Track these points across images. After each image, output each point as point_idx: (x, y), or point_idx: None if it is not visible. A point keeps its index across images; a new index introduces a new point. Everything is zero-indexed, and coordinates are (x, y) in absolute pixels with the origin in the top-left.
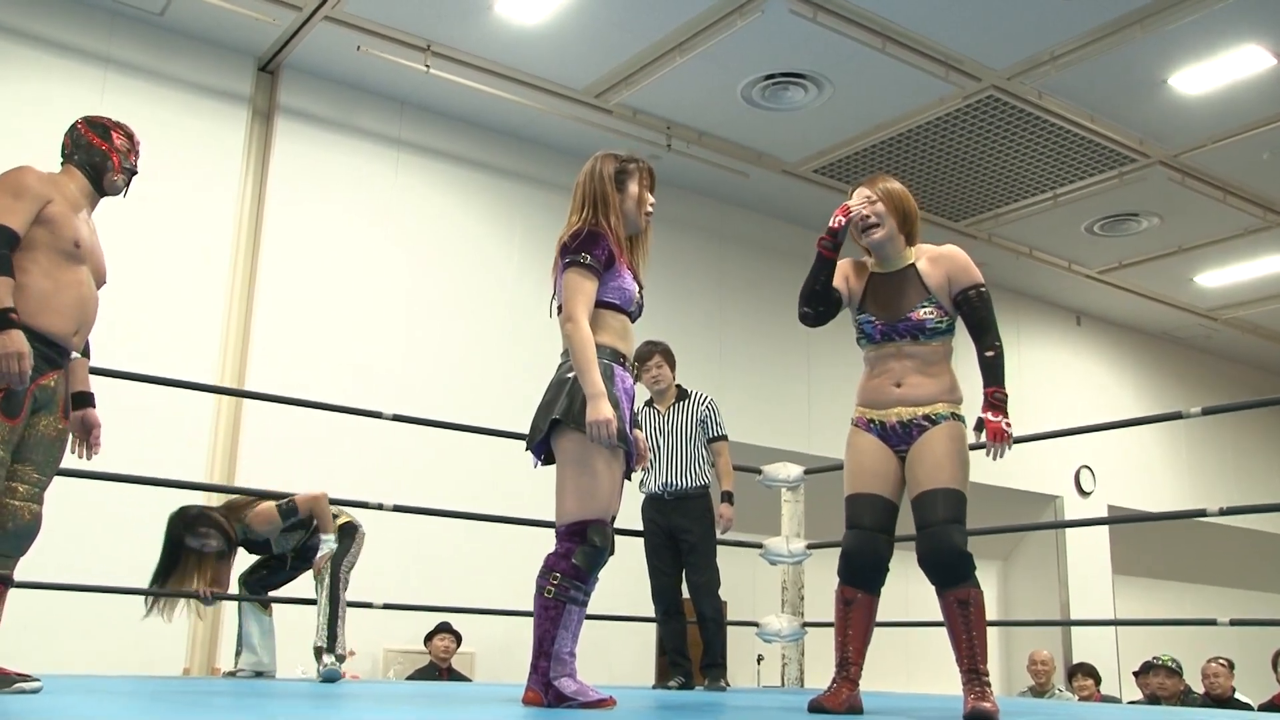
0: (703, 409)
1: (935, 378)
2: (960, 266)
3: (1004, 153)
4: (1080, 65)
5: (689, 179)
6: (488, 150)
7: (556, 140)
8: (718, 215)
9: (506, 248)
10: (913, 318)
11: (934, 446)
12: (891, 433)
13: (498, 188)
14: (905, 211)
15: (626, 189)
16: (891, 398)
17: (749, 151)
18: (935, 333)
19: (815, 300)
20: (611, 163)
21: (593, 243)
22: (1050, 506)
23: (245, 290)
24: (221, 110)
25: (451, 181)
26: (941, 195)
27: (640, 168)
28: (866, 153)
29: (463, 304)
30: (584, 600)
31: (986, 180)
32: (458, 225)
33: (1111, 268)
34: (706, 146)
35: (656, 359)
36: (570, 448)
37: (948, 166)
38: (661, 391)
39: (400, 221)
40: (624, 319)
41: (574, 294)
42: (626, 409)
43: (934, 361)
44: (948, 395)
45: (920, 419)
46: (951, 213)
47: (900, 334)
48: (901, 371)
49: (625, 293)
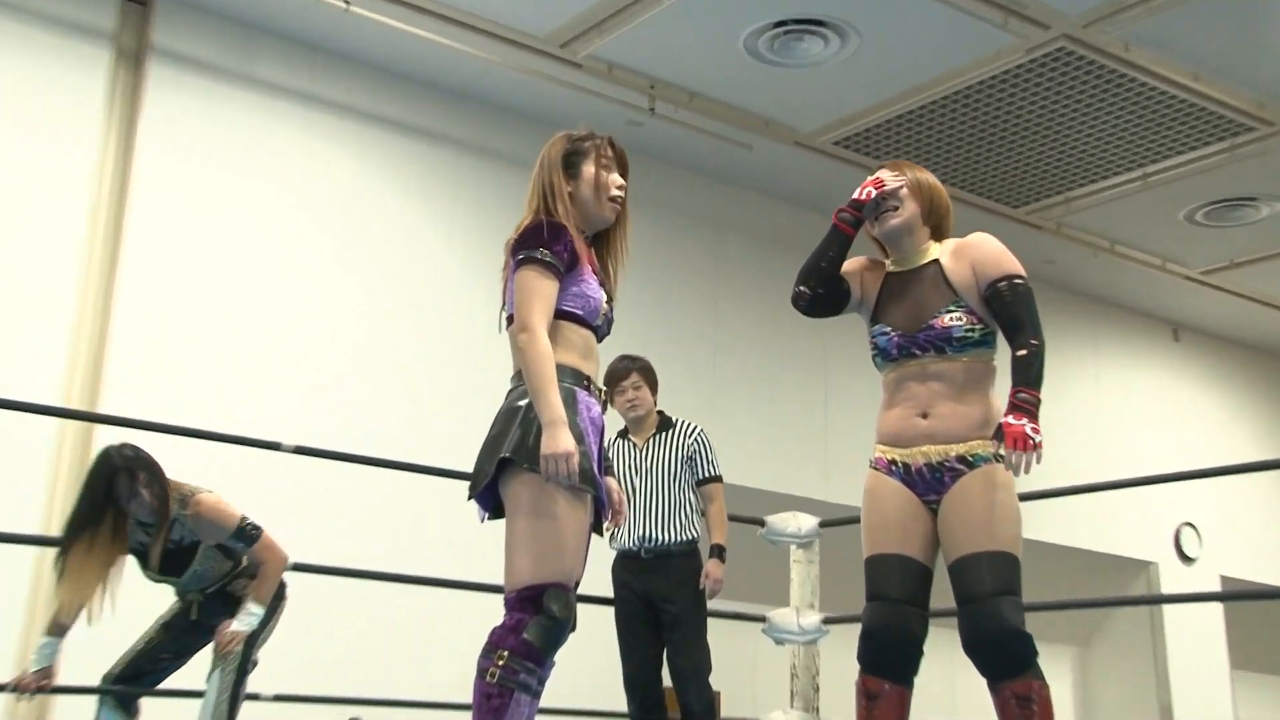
0: (691, 442)
1: (971, 405)
2: (988, 255)
3: (1079, 121)
4: (1180, 8)
5: (677, 152)
6: (424, 112)
7: (512, 101)
8: (713, 198)
9: (448, 236)
10: (936, 325)
11: (972, 498)
12: (918, 478)
13: (437, 160)
14: (933, 200)
15: (580, 173)
16: (916, 432)
17: (753, 118)
18: (967, 344)
19: (816, 278)
20: (561, 144)
21: (553, 236)
22: (1142, 576)
23: (103, 281)
24: (76, 50)
25: (378, 151)
26: (998, 175)
27: (596, 144)
28: (902, 121)
29: (393, 306)
30: (537, 688)
31: (1056, 156)
32: (386, 206)
33: (1219, 267)
34: (700, 111)
35: (634, 378)
36: (523, 493)
37: (1006, 139)
38: (639, 419)
39: (310, 198)
40: (588, 335)
41: (529, 297)
42: (594, 444)
43: (969, 383)
44: (987, 429)
45: (953, 461)
46: (1011, 197)
47: (922, 347)
48: (928, 398)
49: (589, 302)
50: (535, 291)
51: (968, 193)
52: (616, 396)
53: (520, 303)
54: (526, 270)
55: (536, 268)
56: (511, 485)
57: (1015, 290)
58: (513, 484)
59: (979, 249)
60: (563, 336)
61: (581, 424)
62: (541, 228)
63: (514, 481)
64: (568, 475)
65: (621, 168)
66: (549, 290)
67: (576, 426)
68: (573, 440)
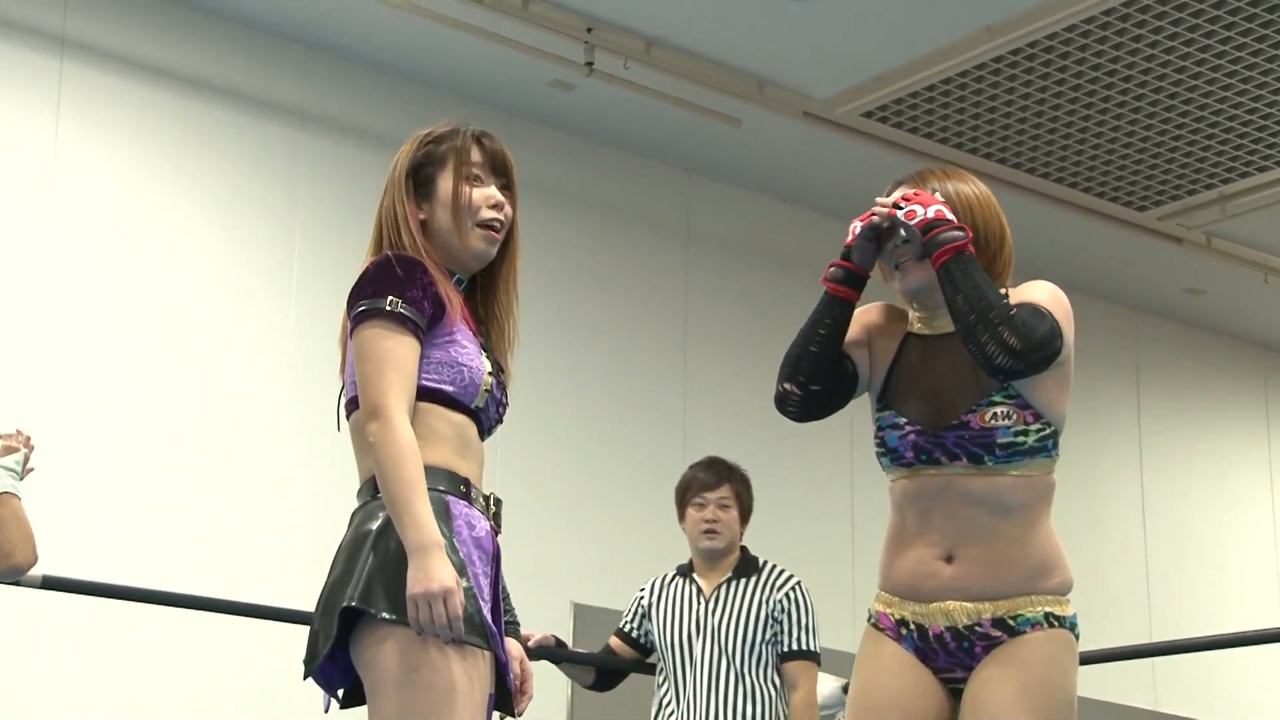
0: (780, 598)
1: (1019, 544)
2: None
3: (1229, 84)
4: None
5: (626, 129)
6: (241, 67)
7: (368, 53)
8: (683, 196)
9: (284, 260)
10: (973, 423)
11: (1008, 678)
12: (939, 647)
13: (263, 141)
14: (981, 225)
15: (434, 191)
16: (939, 583)
17: (742, 78)
18: (1016, 453)
19: (808, 367)
20: (408, 151)
21: (405, 279)
22: None
23: None
24: None
25: (166, 122)
26: (1114, 163)
27: (455, 146)
28: (965, 83)
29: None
30: None
31: (1204, 132)
32: (176, 209)
33: None
34: (662, 68)
35: (724, 491)
36: (387, 658)
37: (1125, 108)
38: (715, 554)
39: (63, 194)
40: (462, 422)
41: (377, 368)
42: (483, 577)
43: (1017, 511)
44: (1041, 580)
45: (987, 625)
46: (1135, 195)
47: (951, 453)
48: (956, 531)
49: (464, 374)
50: (386, 359)
51: (1069, 188)
52: (691, 511)
53: (365, 377)
54: (370, 329)
55: (384, 324)
56: (368, 648)
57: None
58: (369, 646)
59: (1024, 290)
60: (425, 425)
61: (463, 550)
62: (387, 266)
63: (370, 642)
64: (448, 623)
65: (500, 174)
66: (406, 354)
67: (455, 553)
68: (452, 570)
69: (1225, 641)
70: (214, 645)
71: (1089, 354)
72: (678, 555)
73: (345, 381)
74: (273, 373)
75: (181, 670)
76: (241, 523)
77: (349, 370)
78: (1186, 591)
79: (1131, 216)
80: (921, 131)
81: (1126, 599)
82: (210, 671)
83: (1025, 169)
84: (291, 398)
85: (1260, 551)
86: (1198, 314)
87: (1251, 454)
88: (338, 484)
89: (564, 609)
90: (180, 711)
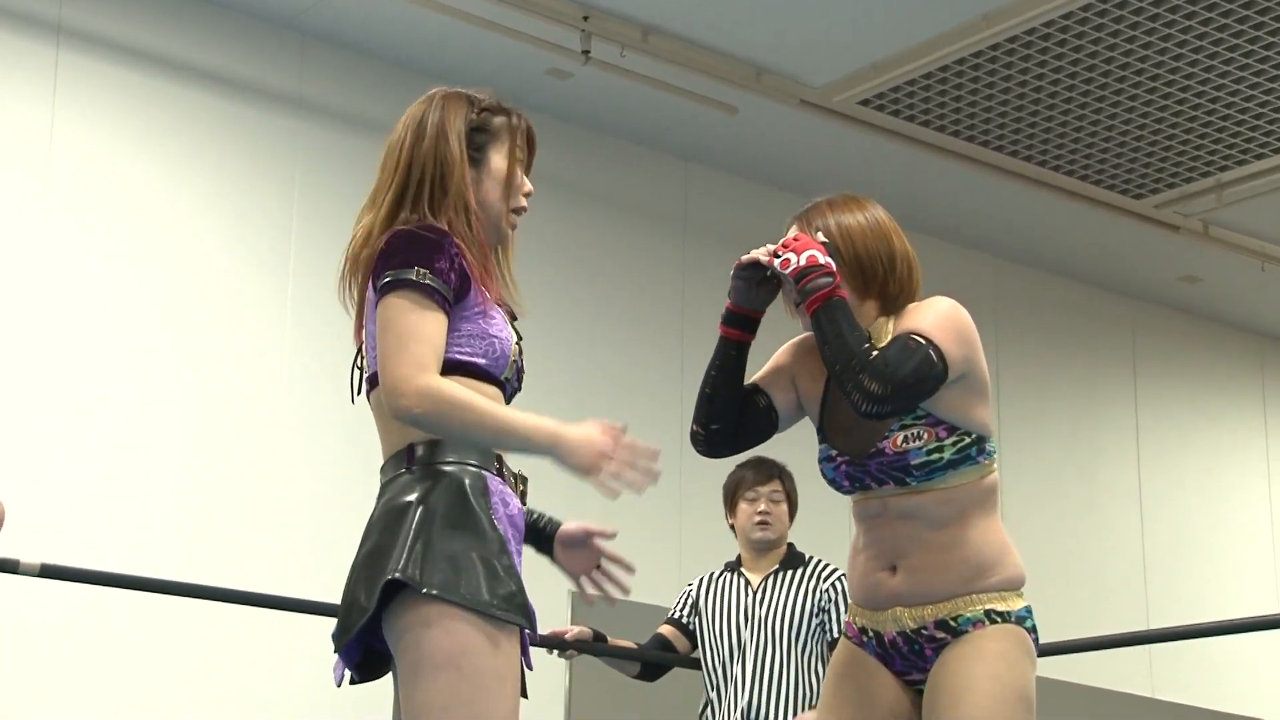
0: (826, 588)
1: (955, 549)
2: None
3: (1226, 71)
4: None
5: (623, 117)
6: (238, 55)
7: (365, 41)
8: (680, 184)
9: (282, 249)
10: (886, 450)
11: (954, 675)
12: (894, 652)
13: (260, 129)
14: (863, 257)
15: (486, 162)
16: (886, 592)
17: (739, 66)
18: (933, 470)
19: (703, 410)
20: (460, 108)
21: (433, 250)
22: None
23: None
24: None
25: (163, 111)
26: (1111, 150)
27: (513, 125)
28: (963, 69)
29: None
30: None
31: (1201, 119)
32: (173, 198)
33: None
34: (659, 56)
35: (775, 486)
36: (433, 638)
37: (1121, 93)
38: (766, 545)
39: (59, 184)
40: (494, 394)
41: (404, 341)
42: (517, 555)
43: (953, 519)
44: (979, 580)
45: (931, 628)
46: (1132, 183)
47: (877, 479)
48: (895, 545)
49: (495, 345)
50: (414, 332)
51: (1065, 175)
52: (743, 505)
53: (390, 352)
54: (399, 299)
55: (413, 295)
56: (412, 627)
57: (903, 343)
58: (414, 625)
59: (913, 312)
60: None
61: (500, 527)
62: (415, 236)
63: (415, 621)
64: (648, 465)
65: (529, 168)
66: (433, 328)
67: (494, 529)
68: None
69: (1222, 628)
70: (213, 636)
71: (1085, 342)
72: (674, 543)
73: (366, 353)
74: (270, 362)
75: (179, 660)
76: (237, 513)
77: (369, 342)
78: (1183, 579)
79: (1128, 204)
80: (918, 119)
81: (1123, 586)
82: (208, 661)
83: (1022, 156)
84: (289, 388)
85: (1257, 538)
86: (1194, 302)
87: (1248, 441)
88: (336, 474)
89: (561, 598)
90: (177, 701)
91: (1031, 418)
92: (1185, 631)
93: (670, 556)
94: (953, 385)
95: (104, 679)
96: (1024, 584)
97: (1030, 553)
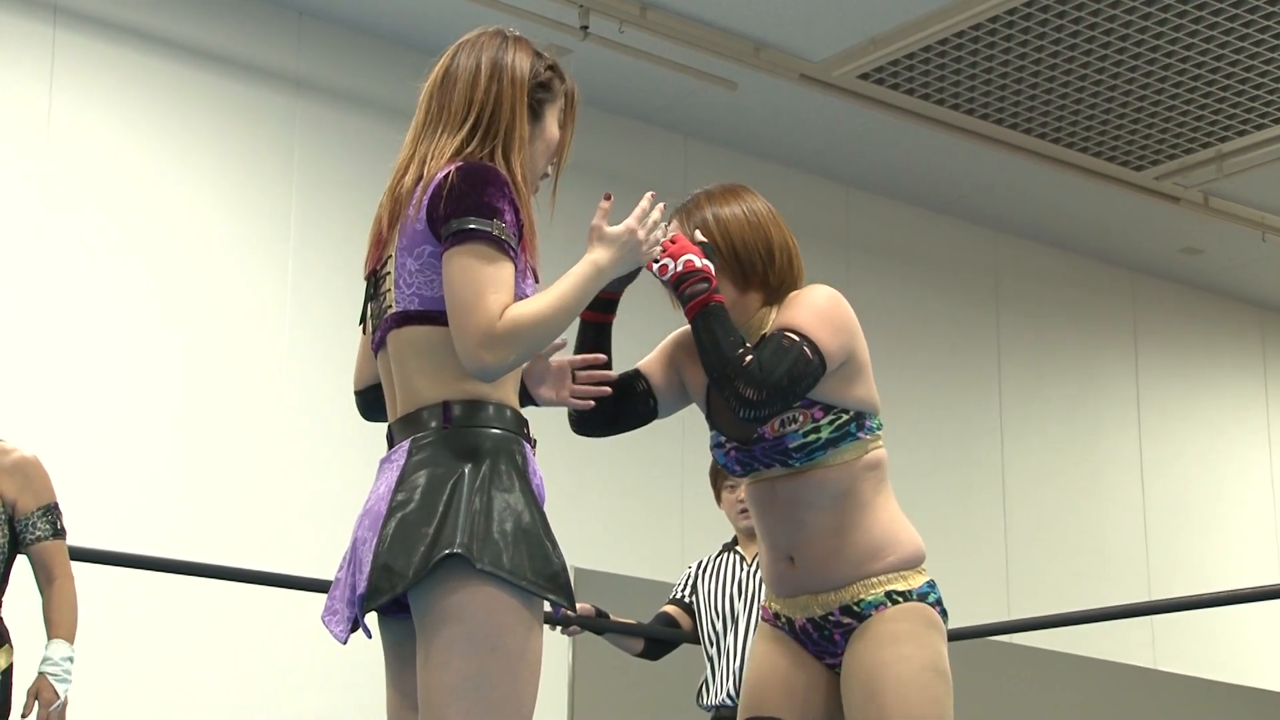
0: None
1: (845, 534)
2: (791, 307)
3: (1226, 42)
4: None
5: (622, 94)
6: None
7: (363, 19)
8: (680, 160)
9: (280, 227)
10: (766, 435)
11: (865, 665)
12: (805, 638)
13: (258, 108)
14: (740, 250)
15: (542, 121)
16: (789, 580)
17: (738, 41)
18: (812, 450)
19: None
20: (529, 60)
21: (506, 201)
22: None
23: None
24: None
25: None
26: (1111, 121)
27: (568, 90)
28: (963, 42)
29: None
30: None
31: (1201, 89)
32: (171, 176)
33: None
34: (658, 32)
35: None
36: (475, 612)
37: (1122, 63)
38: (749, 532)
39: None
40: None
41: (483, 291)
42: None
43: (837, 501)
44: (874, 562)
45: (838, 614)
46: (1133, 154)
47: (764, 462)
48: (787, 533)
49: None
50: (490, 283)
51: (1065, 148)
52: (725, 493)
53: (470, 299)
54: (476, 248)
55: (490, 250)
56: (452, 597)
57: (778, 342)
58: (457, 596)
59: (792, 303)
60: None
61: (540, 495)
62: (498, 180)
63: (460, 593)
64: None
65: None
66: (510, 279)
67: (536, 501)
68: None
69: (1223, 599)
70: (222, 613)
71: (1086, 314)
72: (676, 520)
73: (398, 286)
74: (270, 339)
75: (193, 639)
76: (236, 488)
77: (408, 276)
78: (1185, 550)
79: (1128, 176)
80: (918, 93)
81: (1125, 558)
82: (221, 639)
83: (1021, 129)
84: (289, 364)
85: (1258, 509)
86: (1195, 274)
87: (1249, 413)
88: (337, 446)
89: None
90: (190, 678)
91: (1032, 390)
92: (1187, 602)
93: (673, 533)
94: (832, 372)
95: (122, 659)
96: (923, 559)
97: (1032, 525)
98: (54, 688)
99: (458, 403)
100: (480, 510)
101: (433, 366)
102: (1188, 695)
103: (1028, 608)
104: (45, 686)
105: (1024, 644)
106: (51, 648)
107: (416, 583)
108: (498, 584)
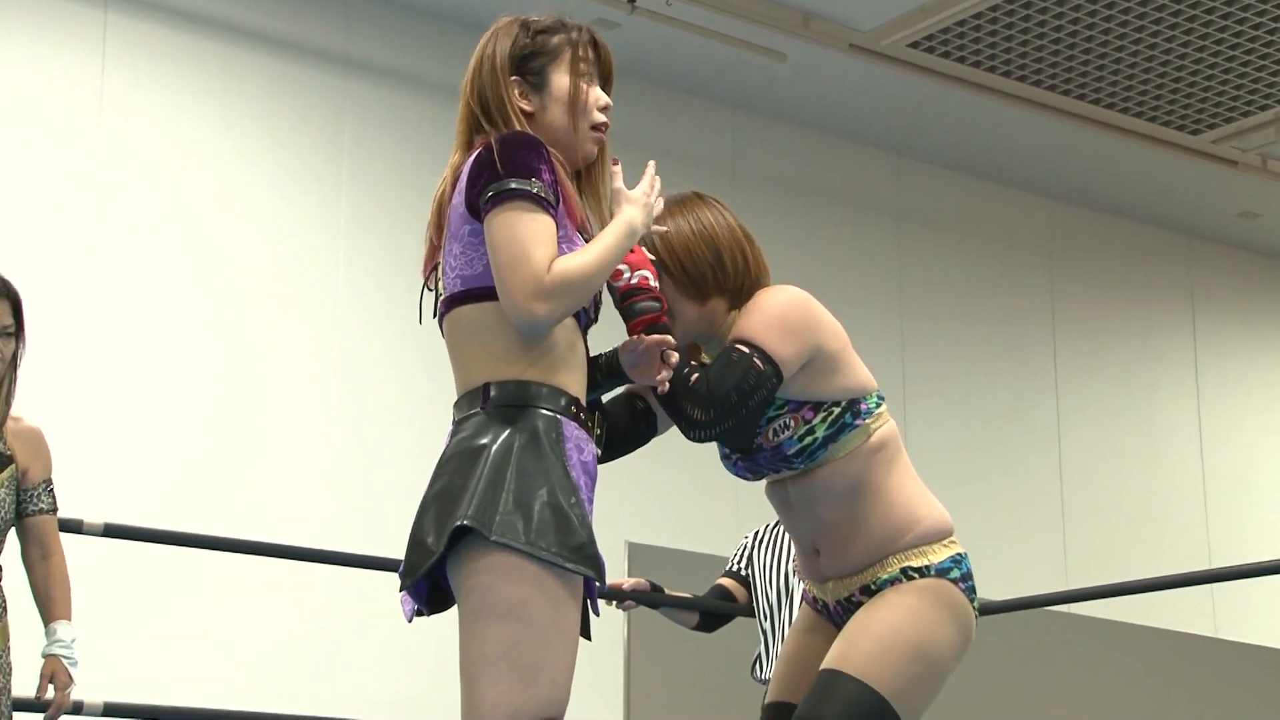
0: None
1: (860, 523)
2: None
3: None
4: None
5: (670, 67)
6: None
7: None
8: (728, 132)
9: (332, 207)
10: (764, 444)
11: (854, 620)
12: (837, 619)
13: (309, 88)
14: (689, 270)
15: (547, 83)
16: (817, 570)
17: (786, 11)
18: (812, 452)
19: None
20: (513, 34)
21: (539, 159)
22: None
23: None
24: None
25: (212, 71)
26: (1166, 84)
27: (572, 39)
28: (1008, 9)
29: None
30: None
31: (1259, 50)
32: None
33: None
34: (706, 4)
35: None
36: (495, 583)
37: (1172, 34)
38: None
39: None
40: (573, 332)
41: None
42: (589, 503)
43: (848, 494)
44: (890, 544)
45: (859, 595)
46: (1188, 118)
47: (769, 469)
48: (809, 529)
49: None
50: (535, 238)
51: (1120, 114)
52: None
53: (519, 254)
54: (515, 208)
55: (528, 204)
56: (476, 571)
57: (727, 356)
58: (479, 569)
59: (747, 311)
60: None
61: (574, 474)
62: (531, 142)
63: (480, 565)
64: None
65: (605, 79)
66: (551, 233)
67: (567, 477)
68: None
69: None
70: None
71: (1143, 281)
72: (731, 493)
73: (446, 274)
74: (323, 318)
75: (238, 615)
76: (288, 467)
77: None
78: (1245, 517)
79: (1185, 140)
80: (969, 60)
81: (1184, 526)
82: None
83: (1075, 95)
84: (342, 341)
85: None
86: (1253, 238)
87: None
88: (387, 427)
89: (619, 549)
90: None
91: (1089, 359)
92: (1248, 570)
93: (727, 506)
94: (799, 374)
95: (166, 634)
96: (949, 533)
97: (1089, 495)
98: (68, 670)
99: (496, 384)
100: (501, 484)
101: (480, 347)
102: (1249, 664)
103: (1085, 577)
104: (60, 669)
105: (1082, 614)
106: (60, 629)
107: (442, 558)
108: (516, 555)
